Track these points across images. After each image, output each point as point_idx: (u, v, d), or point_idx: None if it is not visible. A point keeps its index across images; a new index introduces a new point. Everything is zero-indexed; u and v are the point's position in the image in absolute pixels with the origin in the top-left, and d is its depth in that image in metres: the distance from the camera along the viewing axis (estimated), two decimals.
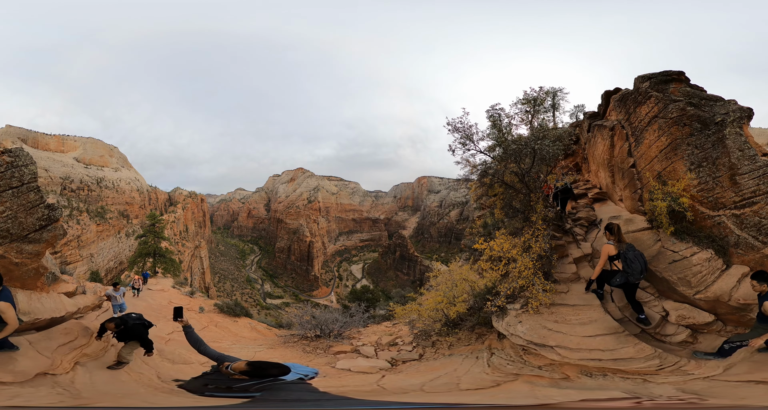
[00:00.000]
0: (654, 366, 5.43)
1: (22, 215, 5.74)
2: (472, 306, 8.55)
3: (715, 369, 5.31)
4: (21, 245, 5.79)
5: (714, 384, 4.93)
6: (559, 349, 5.99)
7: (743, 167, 6.11)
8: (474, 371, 6.79)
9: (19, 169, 5.76)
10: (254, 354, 10.29)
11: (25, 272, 6.16)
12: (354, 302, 24.81)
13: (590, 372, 5.85)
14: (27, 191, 5.81)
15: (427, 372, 7.44)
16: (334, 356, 9.81)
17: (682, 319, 6.17)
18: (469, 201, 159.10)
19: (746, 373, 4.98)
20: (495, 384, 5.96)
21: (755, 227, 5.95)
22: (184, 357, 8.27)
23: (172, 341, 10.19)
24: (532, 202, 8.29)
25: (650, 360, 5.50)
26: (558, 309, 6.78)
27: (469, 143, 8.53)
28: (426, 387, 6.30)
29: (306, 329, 11.86)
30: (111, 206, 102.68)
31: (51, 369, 5.29)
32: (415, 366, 8.19)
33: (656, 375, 5.38)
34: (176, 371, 6.92)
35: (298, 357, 9.85)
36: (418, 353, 9.22)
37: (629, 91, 8.72)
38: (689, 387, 4.94)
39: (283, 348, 11.08)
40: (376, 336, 12.14)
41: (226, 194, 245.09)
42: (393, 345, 10.66)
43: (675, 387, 4.97)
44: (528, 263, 6.99)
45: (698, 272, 6.19)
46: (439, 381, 6.52)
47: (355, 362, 8.97)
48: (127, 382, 5.72)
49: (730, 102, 6.85)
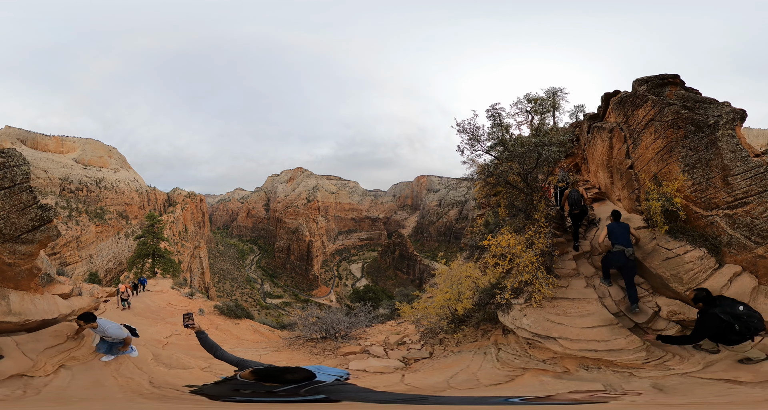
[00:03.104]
0: (641, 359, 5.70)
1: (15, 215, 5.76)
2: (477, 302, 8.78)
3: (695, 365, 5.50)
4: (14, 245, 5.80)
5: (685, 381, 5.12)
6: (561, 340, 6.30)
7: (735, 168, 6.32)
8: (486, 367, 7.00)
9: (12, 169, 5.78)
10: (259, 357, 10.10)
11: (18, 272, 6.13)
12: (357, 302, 24.57)
13: (587, 365, 6.13)
14: (19, 192, 5.82)
15: (442, 369, 7.54)
16: (344, 357, 9.75)
17: (673, 314, 6.41)
18: (468, 200, 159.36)
19: (722, 371, 5.20)
20: (510, 379, 6.16)
21: (747, 227, 6.14)
22: (183, 361, 8.05)
23: (170, 344, 9.96)
24: (535, 201, 8.51)
25: (638, 352, 5.78)
26: (559, 302, 7.08)
27: (476, 144, 8.74)
28: (452, 383, 6.38)
29: (311, 331, 11.64)
30: (110, 206, 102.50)
31: (31, 370, 5.27)
32: (429, 364, 8.25)
33: (641, 368, 5.63)
34: (173, 376, 6.69)
35: (307, 360, 9.71)
36: (428, 351, 9.36)
37: (627, 94, 8.94)
38: (662, 382, 5.14)
39: (289, 350, 10.91)
40: (383, 335, 12.16)
41: (225, 194, 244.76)
42: (402, 344, 10.68)
43: (651, 381, 5.19)
44: (532, 258, 7.28)
45: (690, 270, 6.43)
46: (460, 378, 6.65)
47: (368, 362, 8.98)
48: (109, 387, 5.48)
49: (724, 104, 7.06)
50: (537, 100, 10.27)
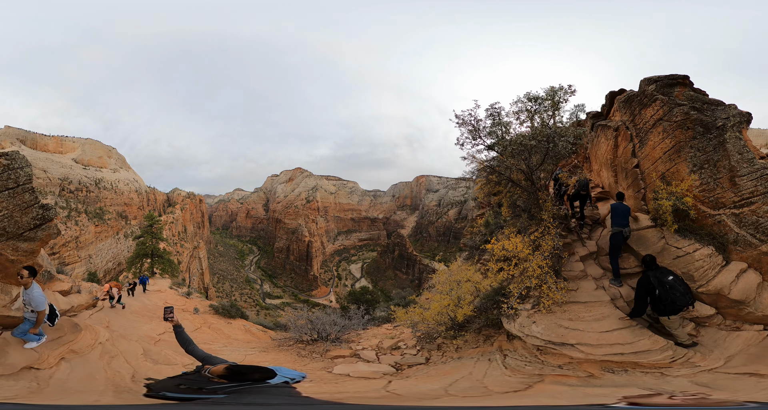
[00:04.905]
0: (668, 358, 5.69)
1: (18, 214, 6.06)
2: (478, 307, 8.43)
3: (717, 361, 5.68)
4: (17, 243, 6.13)
5: (717, 377, 5.25)
6: (580, 346, 6.10)
7: (742, 169, 6.47)
8: (493, 374, 6.59)
9: (15, 171, 6.05)
10: (245, 357, 9.88)
11: (20, 269, 6.29)
12: (353, 303, 24.23)
13: (611, 368, 5.93)
14: (22, 192, 6.11)
15: (440, 376, 7.15)
16: (332, 360, 9.42)
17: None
18: (468, 200, 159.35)
19: (742, 365, 5.39)
20: (527, 386, 5.73)
21: (753, 226, 6.30)
22: (169, 358, 8.09)
23: (162, 341, 9.98)
24: (541, 200, 8.44)
25: (665, 351, 5.77)
26: (570, 306, 6.88)
27: (477, 138, 8.49)
28: (450, 391, 5.98)
29: (301, 332, 11.31)
30: (109, 207, 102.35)
31: (37, 363, 5.56)
32: (424, 371, 7.86)
33: (670, 367, 5.63)
34: (155, 371, 6.84)
35: (292, 361, 9.48)
36: (424, 356, 8.92)
37: (634, 93, 8.95)
38: (698, 379, 5.24)
39: (277, 351, 10.67)
40: (377, 339, 11.76)
41: (224, 195, 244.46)
42: (395, 348, 10.20)
43: (688, 380, 5.26)
44: (540, 262, 7.07)
45: (700, 267, 6.52)
46: (462, 385, 6.22)
47: (355, 367, 8.56)
48: (99, 380, 5.71)
49: (731, 107, 7.16)
50: (537, 99, 10.17)
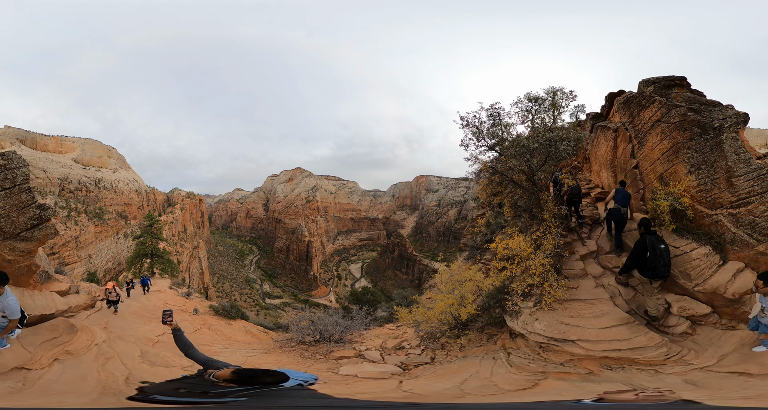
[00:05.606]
0: (662, 355, 5.81)
1: (15, 214, 6.07)
2: (481, 306, 8.53)
3: (710, 359, 5.77)
4: (13, 243, 6.13)
5: (708, 375, 5.34)
6: (581, 343, 6.25)
7: (739, 169, 6.55)
8: (499, 372, 6.68)
9: (12, 171, 6.08)
10: (246, 359, 9.75)
11: (17, 269, 6.47)
12: (355, 304, 24.06)
13: (609, 365, 6.06)
14: (19, 192, 6.13)
15: (448, 375, 7.15)
16: (336, 361, 9.33)
17: (683, 310, 6.60)
18: (468, 200, 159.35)
19: (734, 364, 5.47)
20: (534, 384, 5.81)
21: (750, 226, 6.38)
22: (168, 360, 7.92)
23: (161, 343, 9.92)
24: (542, 200, 8.54)
25: (659, 348, 5.89)
26: (570, 304, 7.03)
27: (481, 139, 8.63)
28: (465, 389, 5.98)
29: (304, 333, 11.21)
30: (109, 207, 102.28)
31: (29, 363, 5.48)
32: (431, 370, 7.85)
33: (664, 364, 5.75)
34: (152, 374, 6.67)
35: (296, 363, 9.41)
36: (428, 356, 8.98)
37: (633, 94, 9.05)
38: (689, 377, 5.33)
39: (279, 352, 10.50)
40: (380, 339, 11.76)
41: (224, 195, 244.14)
42: (400, 348, 10.23)
43: (680, 378, 5.35)
44: (542, 260, 7.21)
45: (697, 266, 6.63)
46: (473, 384, 6.23)
47: (361, 367, 8.50)
48: (90, 382, 5.58)
49: (728, 107, 7.25)
50: (537, 99, 10.25)
